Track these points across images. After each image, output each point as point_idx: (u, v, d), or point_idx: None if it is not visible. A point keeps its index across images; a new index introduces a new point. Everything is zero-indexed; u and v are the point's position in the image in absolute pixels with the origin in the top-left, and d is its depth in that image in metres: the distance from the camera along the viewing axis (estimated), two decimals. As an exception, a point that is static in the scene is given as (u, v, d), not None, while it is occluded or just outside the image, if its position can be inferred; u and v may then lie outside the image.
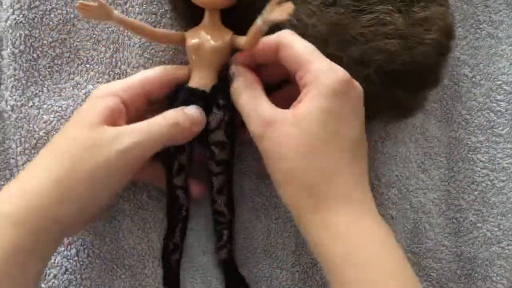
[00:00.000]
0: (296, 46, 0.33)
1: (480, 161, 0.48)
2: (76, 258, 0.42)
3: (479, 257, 0.47)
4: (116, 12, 0.35)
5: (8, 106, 0.43)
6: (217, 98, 0.37)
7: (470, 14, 0.48)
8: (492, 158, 0.48)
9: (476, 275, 0.47)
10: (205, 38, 0.38)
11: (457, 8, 0.48)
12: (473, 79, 0.48)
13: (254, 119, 0.33)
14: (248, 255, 0.45)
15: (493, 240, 0.47)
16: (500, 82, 0.48)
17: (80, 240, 0.43)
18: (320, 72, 0.32)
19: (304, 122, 0.31)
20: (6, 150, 0.44)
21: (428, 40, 0.39)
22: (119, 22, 0.36)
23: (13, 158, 0.43)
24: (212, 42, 0.37)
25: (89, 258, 0.43)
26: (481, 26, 0.48)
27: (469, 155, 0.48)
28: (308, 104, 0.32)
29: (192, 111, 0.36)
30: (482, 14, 0.48)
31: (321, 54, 0.33)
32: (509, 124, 0.48)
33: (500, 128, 0.48)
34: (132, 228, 0.44)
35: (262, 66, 0.38)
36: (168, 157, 0.38)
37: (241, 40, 0.37)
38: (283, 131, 0.32)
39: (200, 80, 0.38)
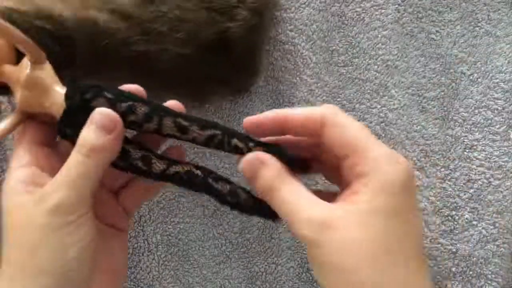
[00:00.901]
0: (349, 127, 0.28)
1: (477, 159, 0.47)
2: (71, 250, 0.43)
3: (474, 255, 0.47)
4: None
5: (5, 98, 0.43)
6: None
7: (468, 12, 0.48)
8: (489, 156, 0.47)
9: (471, 273, 0.46)
10: None
11: (455, 5, 0.48)
12: (471, 77, 0.48)
13: (304, 221, 0.27)
14: (243, 250, 0.46)
15: (488, 238, 0.47)
16: (497, 80, 0.48)
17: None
18: (382, 162, 0.27)
19: (370, 225, 0.26)
20: (2, 142, 0.45)
21: (240, 16, 0.39)
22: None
23: (10, 150, 0.44)
24: None
25: (84, 250, 0.43)
26: (479, 24, 0.48)
27: (465, 153, 0.47)
28: (372, 201, 0.27)
29: (103, 113, 0.28)
30: (480, 12, 0.48)
31: (375, 137, 0.29)
32: (506, 122, 0.48)
33: (497, 126, 0.48)
34: (128, 221, 0.44)
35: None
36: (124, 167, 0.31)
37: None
38: (346, 235, 0.26)
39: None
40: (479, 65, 0.48)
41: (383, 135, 0.47)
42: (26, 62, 0.29)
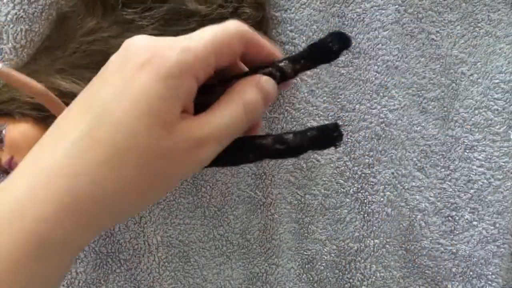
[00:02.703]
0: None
1: (477, 159, 0.47)
2: (72, 251, 0.43)
3: (474, 255, 0.47)
4: (1, 65, 0.31)
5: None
6: None
7: (468, 13, 0.48)
8: (489, 157, 0.47)
9: (471, 273, 0.46)
10: None
11: (456, 6, 0.48)
12: (471, 77, 0.48)
13: None
14: (244, 251, 0.46)
15: (489, 238, 0.47)
16: (497, 80, 0.48)
17: (76, 233, 0.43)
18: None
19: None
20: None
21: (244, 14, 0.40)
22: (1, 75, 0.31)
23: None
24: None
25: (84, 252, 0.43)
26: (479, 25, 0.48)
27: (466, 154, 0.47)
28: None
29: (270, 83, 0.27)
30: (480, 13, 0.48)
31: None
32: (506, 122, 0.48)
33: (497, 127, 0.48)
34: (128, 222, 0.44)
35: None
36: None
37: None
38: None
39: None
40: (479, 65, 0.48)
41: (383, 135, 0.47)
42: None
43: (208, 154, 0.25)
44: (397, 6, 0.48)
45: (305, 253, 0.46)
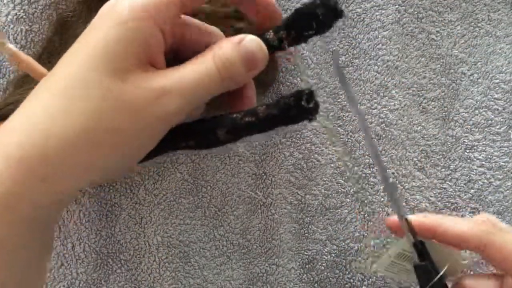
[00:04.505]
0: (509, 245, 0.29)
1: (477, 159, 0.47)
2: (72, 252, 0.43)
3: (475, 255, 0.47)
4: (11, 45, 0.32)
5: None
6: None
7: (468, 12, 0.48)
8: (489, 157, 0.47)
9: (471, 273, 0.46)
10: None
11: (455, 6, 0.48)
12: (471, 77, 0.48)
13: None
14: (244, 251, 0.46)
15: (489, 238, 0.47)
16: (498, 80, 0.48)
17: (76, 234, 0.43)
18: None
19: None
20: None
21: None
22: (11, 55, 0.31)
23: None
24: None
25: (84, 253, 0.43)
26: (479, 25, 0.48)
27: (466, 153, 0.47)
28: None
29: (255, 42, 0.25)
30: (480, 13, 0.48)
31: None
32: (507, 122, 0.48)
33: (497, 127, 0.48)
34: (128, 223, 0.44)
35: None
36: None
37: None
38: None
39: None
40: (479, 65, 0.48)
41: (383, 135, 0.47)
42: None
43: (170, 107, 0.23)
44: (397, 6, 0.48)
45: (305, 253, 0.46)
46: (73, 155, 0.23)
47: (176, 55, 0.26)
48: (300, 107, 0.25)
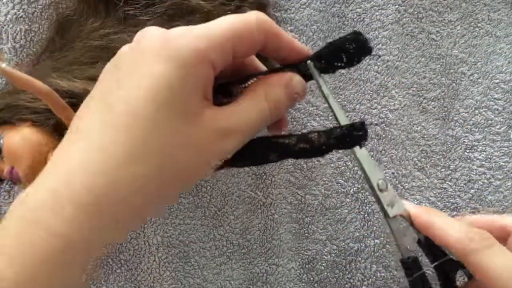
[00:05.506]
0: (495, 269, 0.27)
1: (477, 159, 0.47)
2: (72, 251, 0.43)
3: (475, 255, 0.47)
4: (4, 65, 0.31)
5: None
6: None
7: (468, 12, 0.48)
8: (489, 157, 0.47)
9: (472, 273, 0.47)
10: None
11: (456, 6, 0.48)
12: (471, 77, 0.48)
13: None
14: (244, 251, 0.46)
15: (489, 238, 0.47)
16: (498, 80, 0.48)
17: (76, 234, 0.43)
18: None
19: None
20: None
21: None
22: (4, 74, 0.32)
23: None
24: None
25: (85, 252, 0.43)
26: (479, 25, 0.48)
27: (466, 153, 0.47)
28: None
29: (300, 83, 0.27)
30: (480, 13, 0.48)
31: None
32: (506, 122, 0.48)
33: (497, 127, 0.48)
34: (128, 222, 0.44)
35: None
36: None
37: None
38: None
39: None
40: (479, 65, 0.48)
41: (383, 135, 0.47)
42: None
43: (233, 145, 0.25)
44: (397, 6, 0.48)
45: (305, 253, 0.46)
46: (143, 198, 0.23)
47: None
48: (353, 136, 0.27)
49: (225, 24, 0.24)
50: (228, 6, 0.40)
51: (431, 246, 0.29)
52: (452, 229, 0.28)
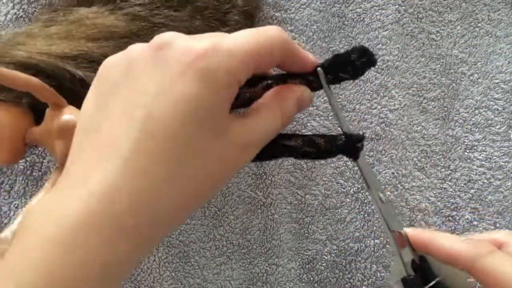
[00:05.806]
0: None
1: (477, 159, 0.47)
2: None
3: (475, 255, 0.47)
4: None
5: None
6: None
7: (468, 12, 0.48)
8: (489, 157, 0.47)
9: (472, 273, 0.47)
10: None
11: (456, 6, 0.48)
12: (471, 77, 0.48)
13: None
14: (244, 251, 0.46)
15: (489, 238, 0.47)
16: (498, 80, 0.48)
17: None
18: None
19: None
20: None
21: (232, 21, 0.40)
22: None
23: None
24: None
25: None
26: (479, 25, 0.48)
27: (466, 153, 0.47)
28: None
29: (310, 96, 0.29)
30: (480, 13, 0.48)
31: None
32: (507, 122, 0.48)
33: (497, 127, 0.48)
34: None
35: None
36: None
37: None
38: None
39: None
40: (479, 65, 0.48)
41: (383, 135, 0.47)
42: (48, 114, 0.28)
43: (251, 156, 0.27)
44: (397, 6, 0.48)
45: (305, 253, 0.46)
46: (178, 214, 0.24)
47: None
48: (353, 147, 0.29)
49: (252, 42, 0.24)
50: (222, 4, 0.40)
51: (424, 268, 0.29)
52: (455, 240, 0.29)
